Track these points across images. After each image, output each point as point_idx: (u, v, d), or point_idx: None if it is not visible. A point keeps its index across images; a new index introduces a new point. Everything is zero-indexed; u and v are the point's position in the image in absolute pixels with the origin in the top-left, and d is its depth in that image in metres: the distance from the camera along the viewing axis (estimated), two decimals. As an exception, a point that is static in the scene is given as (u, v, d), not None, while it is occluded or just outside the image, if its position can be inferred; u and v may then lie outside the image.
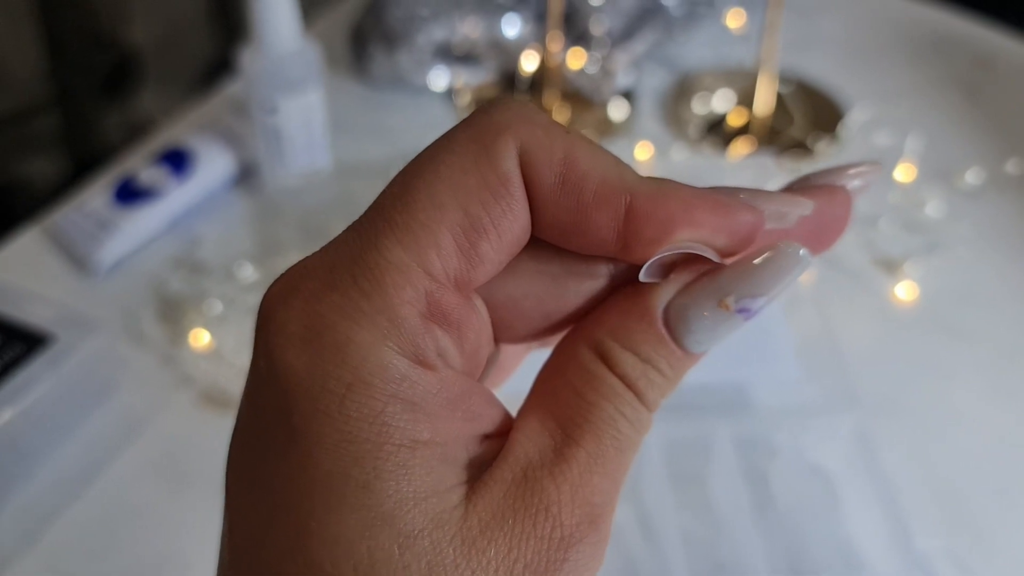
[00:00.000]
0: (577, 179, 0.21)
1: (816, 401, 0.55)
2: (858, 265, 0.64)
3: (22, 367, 0.50)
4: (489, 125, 0.22)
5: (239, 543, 0.21)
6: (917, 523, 0.49)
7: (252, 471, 0.21)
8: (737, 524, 0.49)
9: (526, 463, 0.21)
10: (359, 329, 0.20)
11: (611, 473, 0.21)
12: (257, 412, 0.21)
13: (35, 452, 0.51)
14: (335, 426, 0.19)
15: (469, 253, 0.21)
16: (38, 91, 1.25)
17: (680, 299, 0.22)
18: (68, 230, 0.64)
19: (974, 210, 0.68)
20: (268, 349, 0.20)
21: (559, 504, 0.20)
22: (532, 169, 0.21)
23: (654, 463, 0.51)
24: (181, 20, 1.38)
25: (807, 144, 0.73)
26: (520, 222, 0.21)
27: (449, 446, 0.21)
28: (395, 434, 0.20)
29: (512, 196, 0.21)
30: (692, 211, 0.22)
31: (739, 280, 0.22)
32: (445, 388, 0.21)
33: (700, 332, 0.22)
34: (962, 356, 0.58)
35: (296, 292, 0.21)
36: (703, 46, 0.84)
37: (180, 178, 0.66)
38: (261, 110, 0.64)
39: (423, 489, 0.20)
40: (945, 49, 0.84)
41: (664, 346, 0.22)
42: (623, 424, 0.21)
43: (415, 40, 0.76)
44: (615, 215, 0.22)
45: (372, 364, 0.20)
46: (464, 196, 0.21)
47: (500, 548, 0.20)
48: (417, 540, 0.19)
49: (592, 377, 0.22)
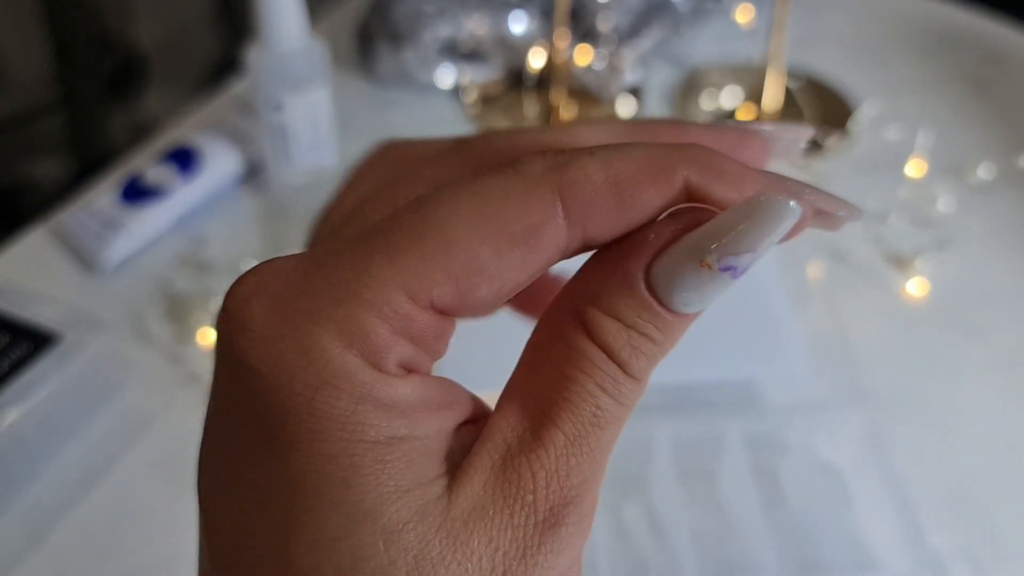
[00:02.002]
0: (630, 186, 0.21)
1: (826, 398, 0.54)
2: (868, 261, 0.63)
3: (29, 366, 0.50)
4: (517, 176, 0.21)
5: (218, 548, 0.20)
6: (929, 520, 0.49)
7: (225, 475, 0.20)
8: (747, 521, 0.49)
9: (505, 448, 0.21)
10: (324, 334, 0.19)
11: (591, 452, 0.21)
12: (225, 415, 0.21)
13: (41, 451, 0.51)
14: (306, 426, 0.19)
15: (465, 294, 0.20)
16: (43, 92, 1.24)
17: (660, 260, 0.21)
18: (74, 229, 0.64)
19: (985, 205, 0.67)
20: (230, 350, 0.20)
21: (534, 492, 0.20)
22: (584, 207, 0.21)
23: (663, 460, 0.51)
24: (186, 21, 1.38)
25: (817, 140, 0.72)
26: (529, 273, 0.21)
27: (429, 440, 0.20)
28: (369, 431, 0.19)
29: (531, 249, 0.21)
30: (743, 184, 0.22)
31: (716, 237, 0.20)
32: (416, 390, 0.20)
33: (686, 292, 0.21)
34: (973, 352, 0.58)
35: (262, 293, 0.20)
36: (710, 42, 0.83)
37: (186, 177, 0.66)
38: (267, 108, 0.64)
39: (404, 482, 0.19)
40: (954, 44, 0.83)
41: (648, 310, 0.21)
42: (603, 399, 0.21)
43: (421, 37, 0.75)
44: (676, 195, 0.21)
45: (337, 369, 0.19)
46: (477, 239, 0.20)
47: (482, 538, 0.20)
48: (402, 534, 0.19)
49: (572, 350, 0.21)
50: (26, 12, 1.19)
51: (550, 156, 0.21)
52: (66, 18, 1.18)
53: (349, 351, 0.19)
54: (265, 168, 0.69)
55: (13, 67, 1.25)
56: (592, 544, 0.47)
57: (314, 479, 0.19)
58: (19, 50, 1.24)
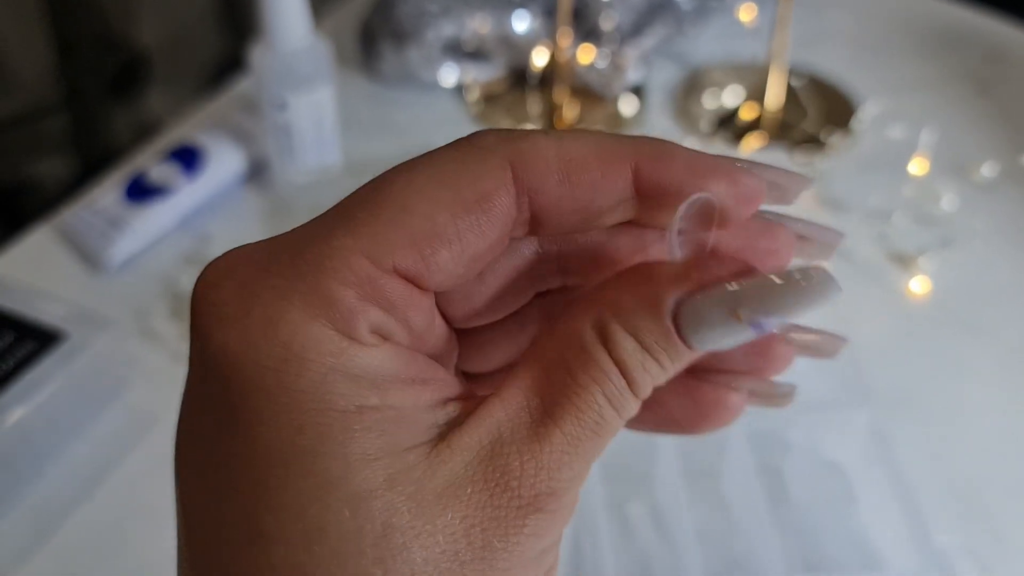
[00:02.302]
0: (579, 166, 0.22)
1: (830, 396, 0.54)
2: (872, 259, 0.63)
3: (34, 365, 0.50)
4: (471, 147, 0.22)
5: (192, 522, 0.21)
6: (934, 519, 0.49)
7: (198, 455, 0.21)
8: (752, 520, 0.49)
9: (496, 436, 0.21)
10: (290, 307, 0.20)
11: (584, 454, 0.21)
12: (197, 396, 0.21)
13: (47, 450, 0.51)
14: (274, 399, 0.19)
15: (428, 258, 0.21)
16: (47, 92, 1.25)
17: (694, 299, 0.22)
18: (79, 228, 0.64)
19: (989, 204, 0.67)
20: (200, 331, 0.20)
21: (520, 479, 0.20)
22: (532, 177, 0.21)
23: (668, 458, 0.51)
24: (189, 20, 1.38)
25: (820, 138, 0.72)
26: (488, 239, 0.21)
27: (402, 410, 0.20)
28: (338, 401, 0.20)
29: (485, 213, 0.21)
30: (695, 170, 0.22)
31: (759, 296, 0.21)
32: (389, 360, 0.21)
33: (707, 335, 0.21)
34: (977, 350, 0.58)
35: (231, 275, 0.21)
36: (713, 41, 0.83)
37: (190, 175, 0.66)
38: (271, 107, 0.64)
39: (373, 451, 0.20)
40: (957, 43, 0.83)
41: (668, 339, 0.22)
42: (607, 411, 0.21)
43: (424, 36, 0.75)
44: (624, 186, 0.22)
45: (304, 339, 0.20)
46: (434, 206, 0.21)
47: (456, 514, 0.20)
48: (370, 501, 0.19)
49: (588, 358, 0.21)
50: (29, 11, 1.19)
51: (504, 130, 0.22)
52: (69, 17, 1.18)
53: (316, 321, 0.20)
54: (269, 167, 0.69)
55: (16, 66, 1.25)
56: (597, 541, 0.47)
57: (282, 450, 0.19)
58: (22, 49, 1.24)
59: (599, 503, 0.49)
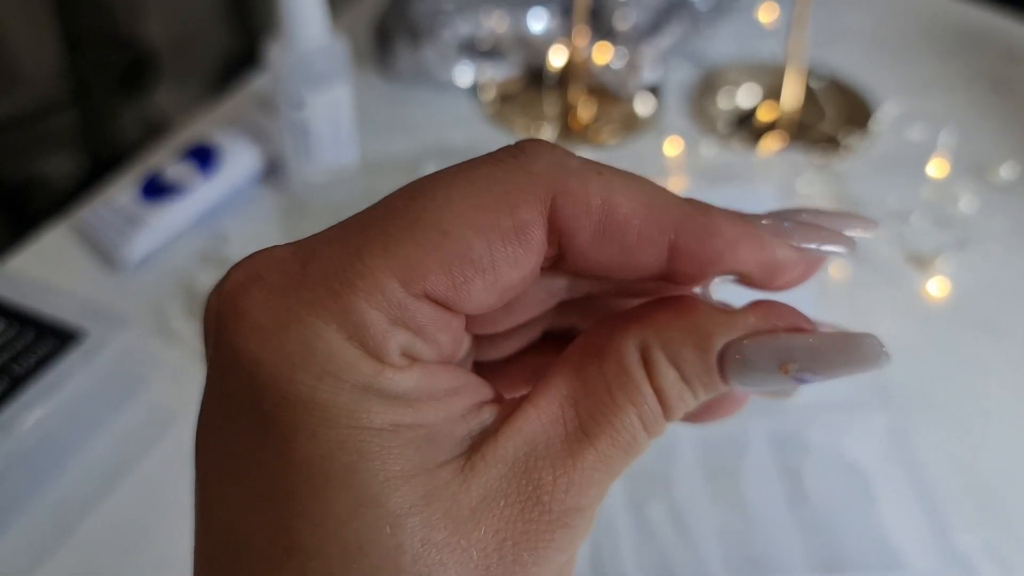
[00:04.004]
0: (618, 224, 0.21)
1: (849, 397, 0.54)
2: (890, 261, 0.63)
3: (54, 363, 0.50)
4: (517, 170, 0.21)
5: (217, 531, 0.20)
6: (954, 519, 0.48)
7: (224, 459, 0.20)
8: (771, 520, 0.49)
9: (531, 448, 0.21)
10: (325, 327, 0.19)
11: (613, 472, 0.21)
12: (222, 400, 0.21)
13: (67, 447, 0.51)
14: (311, 413, 0.19)
15: (460, 286, 0.20)
16: (55, 88, 1.25)
17: (744, 344, 0.22)
18: (96, 226, 0.64)
19: (1007, 205, 0.67)
20: (230, 338, 0.20)
21: (552, 494, 0.20)
22: (568, 220, 0.21)
23: (688, 458, 0.51)
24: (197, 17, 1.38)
25: (838, 139, 0.72)
26: (522, 271, 0.21)
27: (435, 426, 0.20)
28: (374, 419, 0.19)
29: (521, 245, 0.21)
30: (736, 250, 0.22)
31: (811, 355, 0.21)
32: (420, 379, 0.20)
33: (752, 380, 0.22)
34: (995, 352, 0.58)
35: (260, 281, 0.20)
36: (729, 40, 0.83)
37: (206, 174, 0.66)
38: (288, 106, 0.64)
39: (410, 468, 0.19)
40: (973, 43, 0.83)
41: (710, 377, 0.22)
42: (640, 432, 0.21)
43: (440, 35, 0.75)
44: (659, 255, 0.21)
45: (340, 361, 0.19)
46: (471, 231, 0.20)
47: (489, 528, 0.20)
48: (408, 519, 0.19)
49: (629, 380, 0.21)
50: (37, 8, 1.19)
51: (558, 154, 0.22)
52: (77, 14, 1.18)
53: (351, 343, 0.20)
54: (285, 165, 0.69)
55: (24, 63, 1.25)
56: (618, 541, 0.47)
57: (319, 464, 0.19)
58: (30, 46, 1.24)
59: (619, 503, 0.49)
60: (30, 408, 0.49)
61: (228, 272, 0.21)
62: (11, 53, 1.21)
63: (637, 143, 0.73)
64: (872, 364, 0.21)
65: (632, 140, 0.73)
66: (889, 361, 0.21)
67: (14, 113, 1.21)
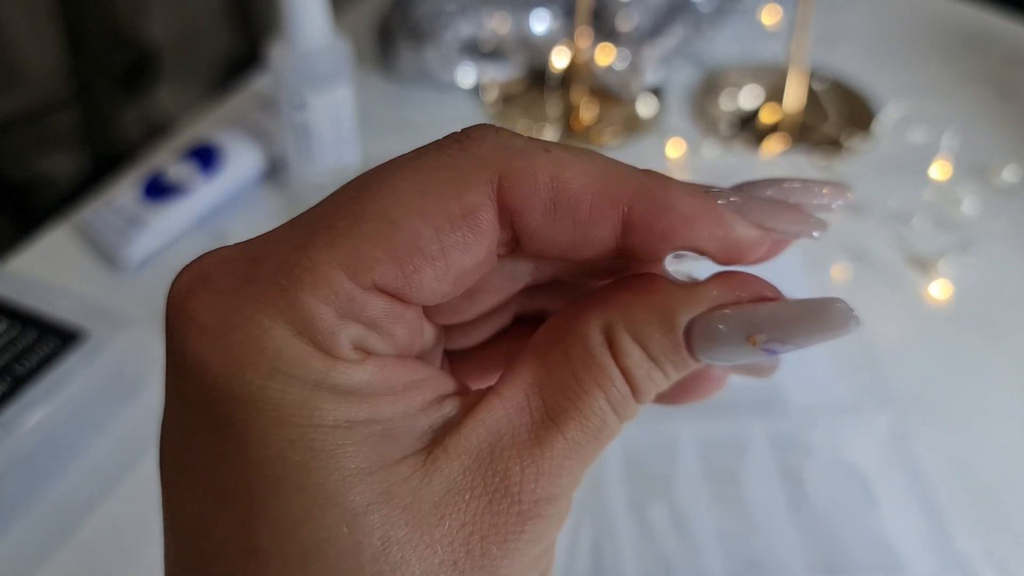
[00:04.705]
0: (569, 200, 0.21)
1: (850, 399, 0.54)
2: (892, 263, 0.63)
3: (56, 363, 0.50)
4: (463, 154, 0.21)
5: (181, 538, 0.20)
6: (955, 522, 0.48)
7: (184, 463, 0.20)
8: (772, 522, 0.49)
9: (496, 439, 0.20)
10: (273, 324, 0.19)
11: (584, 459, 0.21)
12: (178, 405, 0.20)
13: (69, 447, 0.51)
14: (262, 413, 0.19)
15: (410, 276, 0.20)
16: (57, 87, 1.25)
17: (708, 318, 0.21)
18: (97, 226, 0.64)
19: (1010, 207, 0.67)
20: (180, 342, 0.20)
21: (521, 485, 0.20)
22: (517, 200, 0.20)
23: (688, 461, 0.51)
24: (199, 17, 1.38)
25: (841, 141, 0.72)
26: (475, 257, 0.21)
27: (394, 420, 0.20)
28: (327, 416, 0.19)
29: (471, 230, 0.20)
30: (692, 226, 0.21)
31: (778, 324, 0.21)
32: (374, 374, 0.20)
33: (720, 353, 0.21)
34: (997, 354, 0.58)
35: (207, 282, 0.20)
36: (731, 42, 0.83)
37: (208, 174, 0.66)
38: (290, 106, 0.64)
39: (366, 464, 0.19)
40: (977, 45, 0.83)
41: (677, 353, 0.21)
42: (610, 416, 0.21)
43: (442, 36, 0.75)
44: (613, 229, 0.21)
45: (289, 358, 0.19)
46: (419, 219, 0.20)
47: (454, 522, 0.19)
48: (366, 516, 0.19)
49: (595, 363, 0.21)
50: (39, 7, 1.19)
51: (503, 136, 0.21)
52: (79, 13, 1.18)
53: (300, 339, 0.19)
54: (287, 166, 0.69)
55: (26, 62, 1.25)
56: (618, 543, 0.47)
57: (273, 465, 0.19)
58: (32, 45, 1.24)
59: (620, 505, 0.49)
60: (32, 408, 0.49)
61: (176, 277, 0.21)
62: (14, 52, 1.21)
63: (639, 144, 0.73)
64: (841, 329, 0.20)
65: (634, 141, 0.73)
66: (859, 325, 0.20)
67: (16, 112, 1.21)
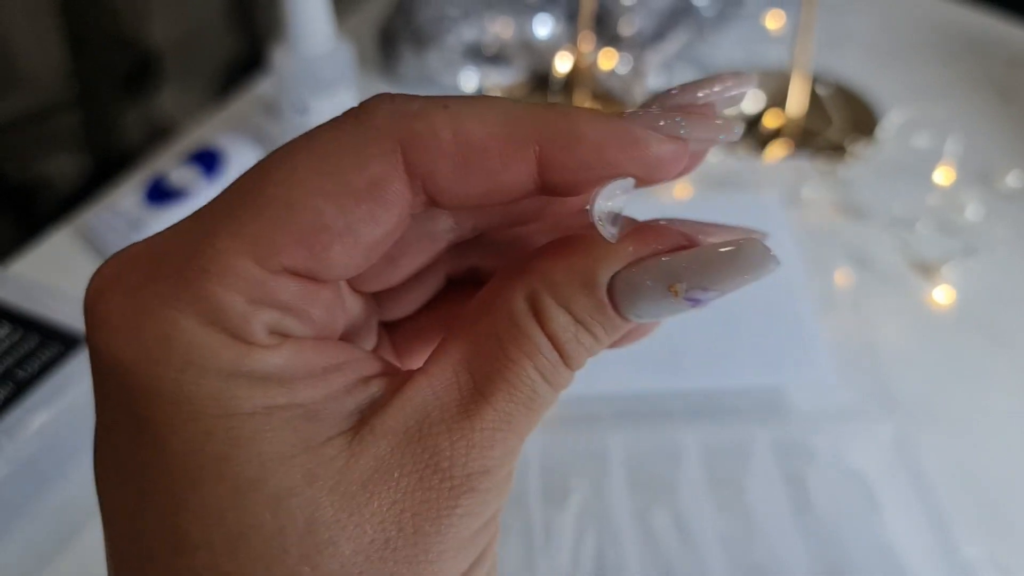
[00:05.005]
0: (476, 150, 0.20)
1: (853, 405, 0.54)
2: (895, 268, 0.63)
3: (58, 368, 0.50)
4: (358, 125, 0.20)
5: (117, 536, 0.20)
6: (959, 529, 0.48)
7: (113, 464, 0.20)
8: (775, 528, 0.48)
9: (423, 415, 0.20)
10: (181, 316, 0.19)
11: (516, 430, 0.21)
12: (103, 406, 0.20)
13: (70, 452, 0.51)
14: (178, 407, 0.19)
15: (319, 254, 0.20)
16: (58, 89, 1.25)
17: (628, 273, 0.21)
18: (100, 230, 0.64)
19: (1014, 213, 0.67)
20: (95, 343, 0.20)
21: (451, 459, 0.20)
22: (424, 163, 0.20)
23: (692, 467, 0.51)
24: (201, 20, 1.37)
25: (844, 146, 0.72)
26: (385, 227, 0.20)
27: (317, 403, 0.20)
28: (244, 404, 0.19)
29: (376, 201, 0.20)
30: (605, 152, 0.20)
31: (694, 269, 0.20)
32: (291, 357, 0.20)
33: (643, 308, 0.21)
34: (1001, 360, 0.57)
35: (117, 281, 0.20)
36: (735, 46, 0.83)
37: (211, 178, 0.66)
38: (292, 110, 0.64)
39: (287, 449, 0.19)
40: (980, 50, 0.83)
41: (603, 313, 0.21)
42: (540, 385, 0.21)
43: (445, 40, 0.75)
44: (528, 170, 0.20)
45: (201, 349, 0.19)
46: (320, 198, 0.19)
47: (384, 500, 0.19)
48: (289, 499, 0.19)
49: (520, 332, 0.21)
50: (41, 8, 1.19)
51: (398, 101, 0.21)
52: (81, 15, 1.18)
53: (211, 329, 0.19)
54: (290, 170, 0.69)
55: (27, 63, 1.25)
56: (621, 550, 0.47)
57: (193, 457, 0.19)
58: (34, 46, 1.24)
59: (623, 511, 0.49)
60: (33, 413, 0.49)
61: (90, 279, 0.20)
62: (14, 54, 1.21)
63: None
64: (759, 270, 0.20)
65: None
66: (778, 264, 0.20)
67: (17, 114, 1.21)
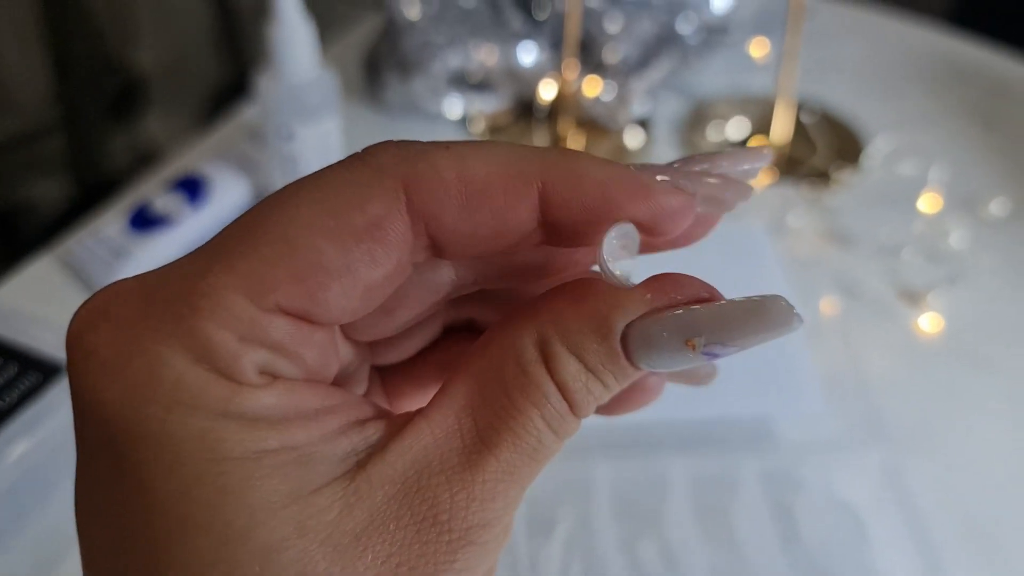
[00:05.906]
0: (480, 190, 0.20)
1: (841, 434, 0.54)
2: (882, 296, 0.63)
3: (38, 397, 0.50)
4: (363, 167, 0.20)
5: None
6: (948, 558, 0.48)
7: (93, 503, 0.19)
8: (763, 559, 0.48)
9: (423, 465, 0.20)
10: (169, 352, 0.18)
11: (519, 481, 0.20)
12: (83, 446, 0.20)
13: (51, 481, 0.51)
14: (164, 448, 0.18)
15: (315, 294, 0.19)
16: (44, 114, 1.24)
17: (644, 324, 0.20)
18: (82, 257, 0.63)
19: (999, 240, 0.67)
20: (78, 379, 0.19)
21: (451, 512, 0.19)
22: (427, 203, 0.20)
23: (678, 497, 0.50)
24: (188, 45, 1.38)
25: (829, 174, 0.72)
26: (384, 269, 0.20)
27: (310, 446, 0.19)
28: (233, 448, 0.18)
29: (377, 241, 0.20)
30: (609, 191, 0.20)
31: (714, 325, 0.20)
32: (283, 398, 0.19)
33: (660, 359, 0.20)
34: (988, 388, 0.57)
35: (104, 316, 0.19)
36: (719, 74, 0.83)
37: (195, 205, 0.65)
38: (278, 137, 0.64)
39: (278, 497, 0.18)
40: (964, 78, 0.84)
41: (615, 362, 0.20)
42: (546, 435, 0.20)
43: (430, 67, 0.75)
44: (531, 209, 0.20)
45: (189, 387, 0.18)
46: (321, 238, 0.19)
47: (379, 554, 0.19)
48: (279, 553, 0.18)
49: (528, 380, 0.20)
50: (28, 32, 1.19)
51: (403, 146, 0.21)
52: (68, 39, 1.18)
53: (199, 366, 0.18)
54: (274, 197, 0.68)
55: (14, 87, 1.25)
56: (608, 582, 0.47)
57: (178, 504, 0.18)
58: (20, 70, 1.24)
59: (610, 542, 0.48)
60: (14, 442, 0.48)
61: (75, 312, 0.20)
62: (1, 77, 1.21)
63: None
64: (783, 328, 0.19)
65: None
66: (801, 323, 0.19)
67: (3, 137, 1.21)
